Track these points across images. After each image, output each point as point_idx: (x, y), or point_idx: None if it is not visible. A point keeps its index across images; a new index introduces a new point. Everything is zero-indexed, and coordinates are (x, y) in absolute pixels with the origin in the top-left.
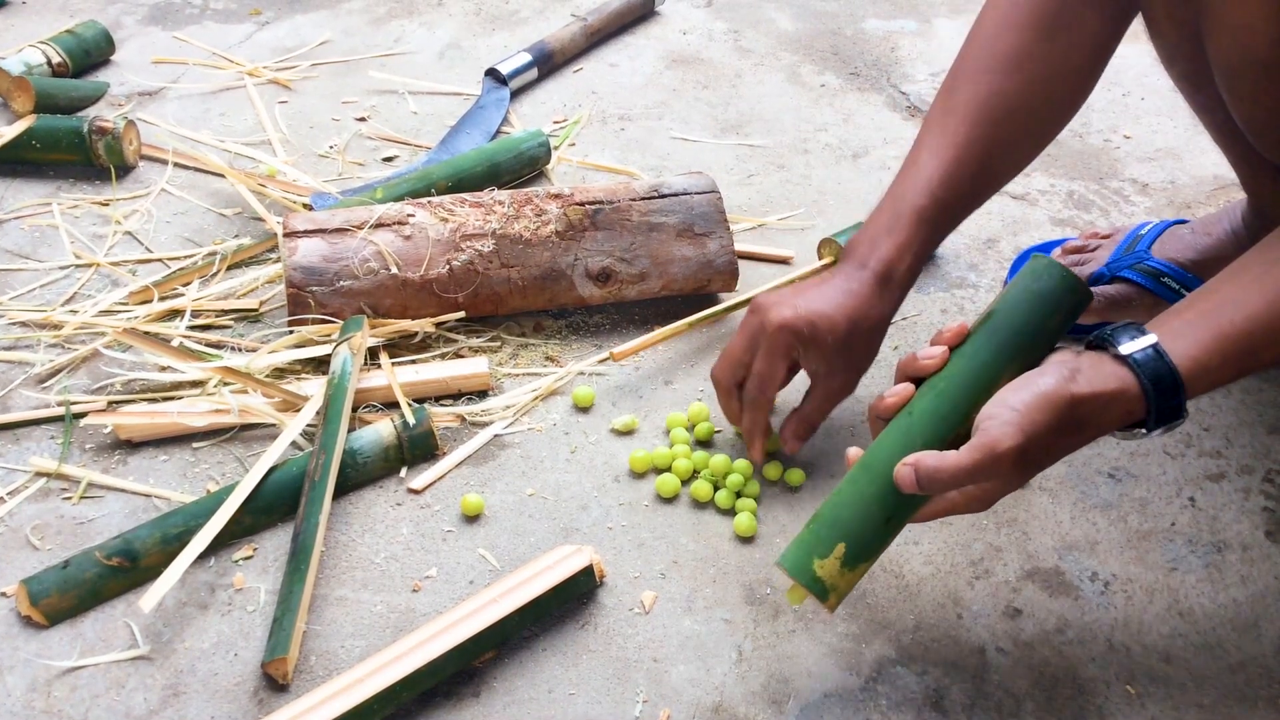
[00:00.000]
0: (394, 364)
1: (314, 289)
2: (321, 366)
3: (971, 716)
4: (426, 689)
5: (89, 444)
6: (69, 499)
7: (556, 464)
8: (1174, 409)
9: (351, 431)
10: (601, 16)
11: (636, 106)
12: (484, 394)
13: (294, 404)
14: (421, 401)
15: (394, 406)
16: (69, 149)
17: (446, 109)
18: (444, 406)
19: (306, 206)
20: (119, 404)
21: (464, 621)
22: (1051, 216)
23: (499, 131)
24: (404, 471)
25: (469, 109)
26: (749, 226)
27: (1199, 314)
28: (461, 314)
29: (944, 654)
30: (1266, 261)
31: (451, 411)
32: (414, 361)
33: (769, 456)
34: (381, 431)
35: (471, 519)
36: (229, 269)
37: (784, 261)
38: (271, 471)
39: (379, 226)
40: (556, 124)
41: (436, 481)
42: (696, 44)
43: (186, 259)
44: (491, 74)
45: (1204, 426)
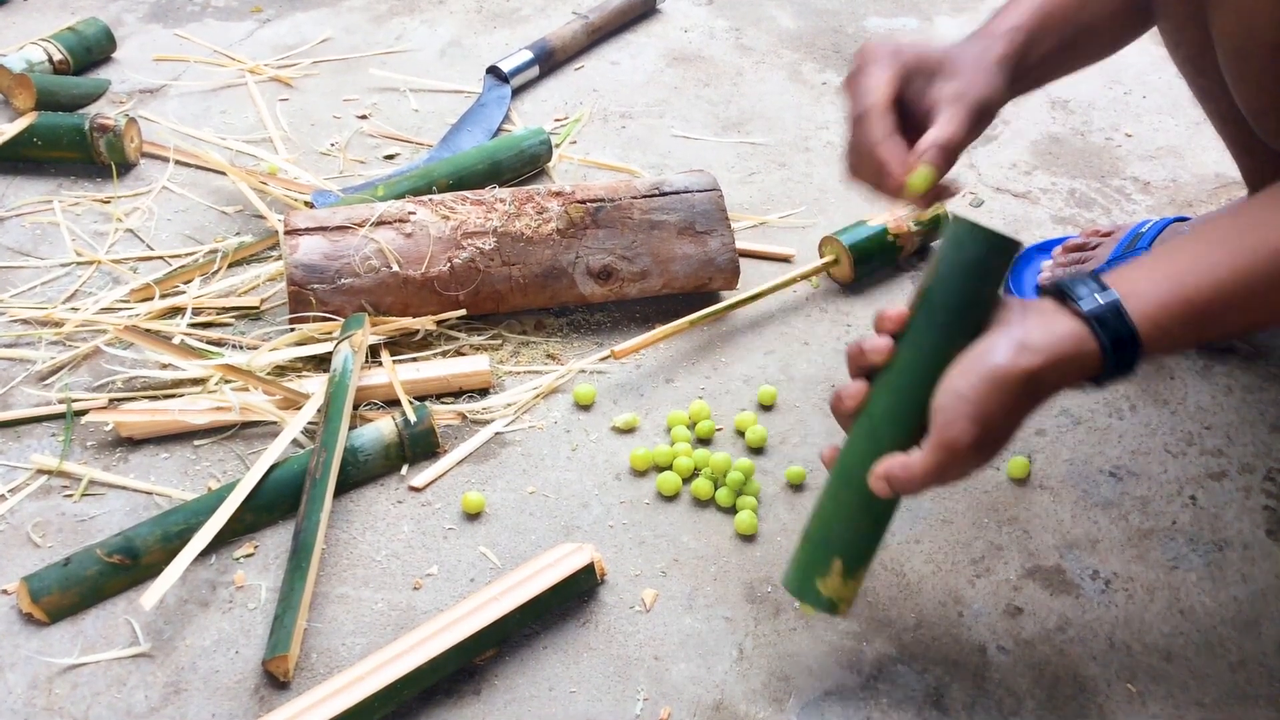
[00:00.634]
0: (395, 362)
1: (315, 287)
2: (323, 364)
3: (972, 715)
4: (427, 687)
5: (90, 441)
6: (70, 496)
7: (557, 462)
8: (1128, 367)
9: (352, 429)
10: (603, 14)
11: (638, 104)
12: (485, 392)
13: (295, 402)
14: (422, 399)
15: (395, 404)
16: (70, 146)
17: (448, 107)
18: (445, 404)
19: (308, 204)
20: (120, 401)
21: (465, 619)
22: (1053, 215)
23: (500, 129)
24: (405, 469)
25: (470, 107)
26: (750, 225)
27: (1164, 275)
28: (462, 312)
29: (945, 652)
30: (1238, 226)
31: (452, 409)
32: (415, 359)
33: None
34: (382, 429)
35: (472, 517)
36: (230, 266)
37: (785, 259)
38: (272, 469)
39: (380, 224)
40: (558, 122)
41: (437, 479)
42: (698, 42)
43: (188, 256)
44: (493, 72)
45: (1205, 425)
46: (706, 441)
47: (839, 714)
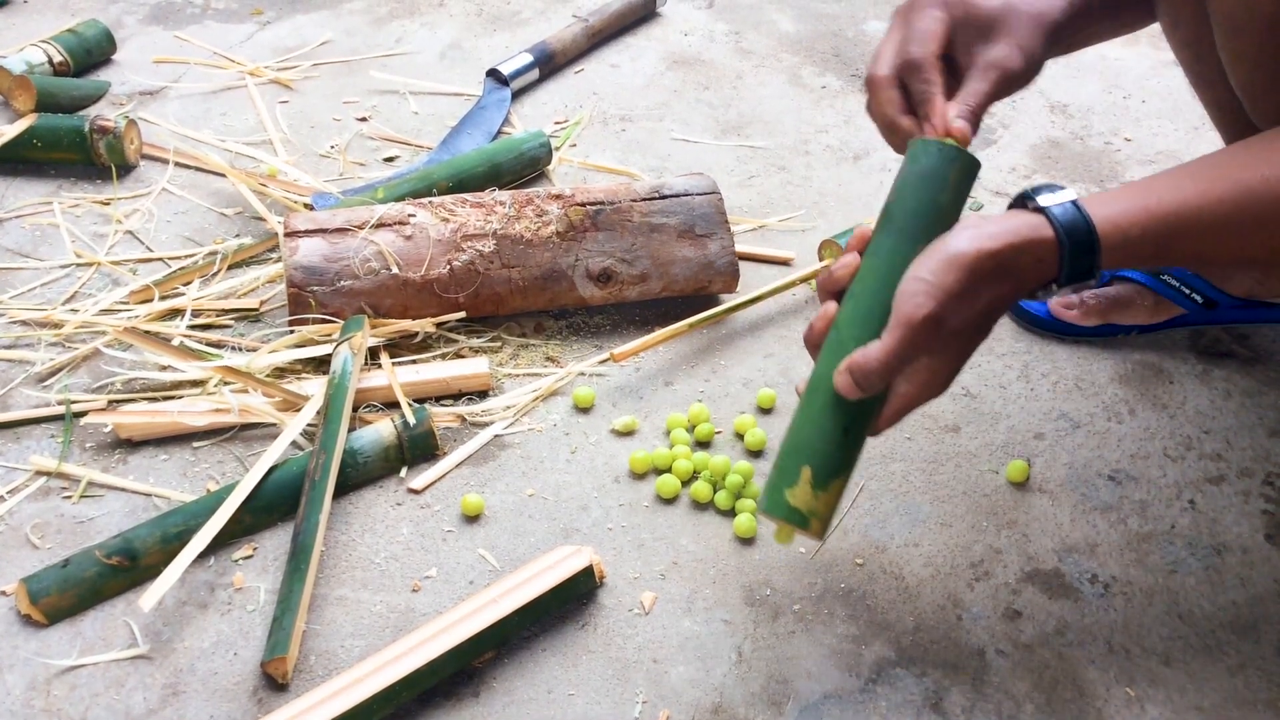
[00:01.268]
0: (394, 364)
1: (315, 289)
2: (322, 366)
3: (971, 718)
4: (426, 689)
5: (89, 443)
6: (69, 498)
7: (556, 464)
8: (1086, 270)
9: (352, 431)
10: (603, 17)
11: (638, 107)
12: (484, 394)
13: (294, 403)
14: (422, 401)
15: (394, 406)
16: (70, 148)
17: (448, 109)
18: (444, 406)
19: (307, 206)
20: (119, 403)
21: (464, 622)
22: None
23: (500, 132)
24: (404, 471)
25: (470, 109)
26: (750, 228)
27: (1127, 190)
28: (462, 314)
29: (944, 656)
30: (1210, 164)
31: (452, 411)
32: (414, 361)
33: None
34: (382, 431)
35: (471, 519)
36: (230, 268)
37: (784, 263)
38: (271, 471)
39: (380, 226)
40: (557, 125)
41: (436, 481)
42: (698, 45)
43: (187, 258)
44: (493, 74)
45: (1204, 429)
46: (706, 444)
47: (838, 717)
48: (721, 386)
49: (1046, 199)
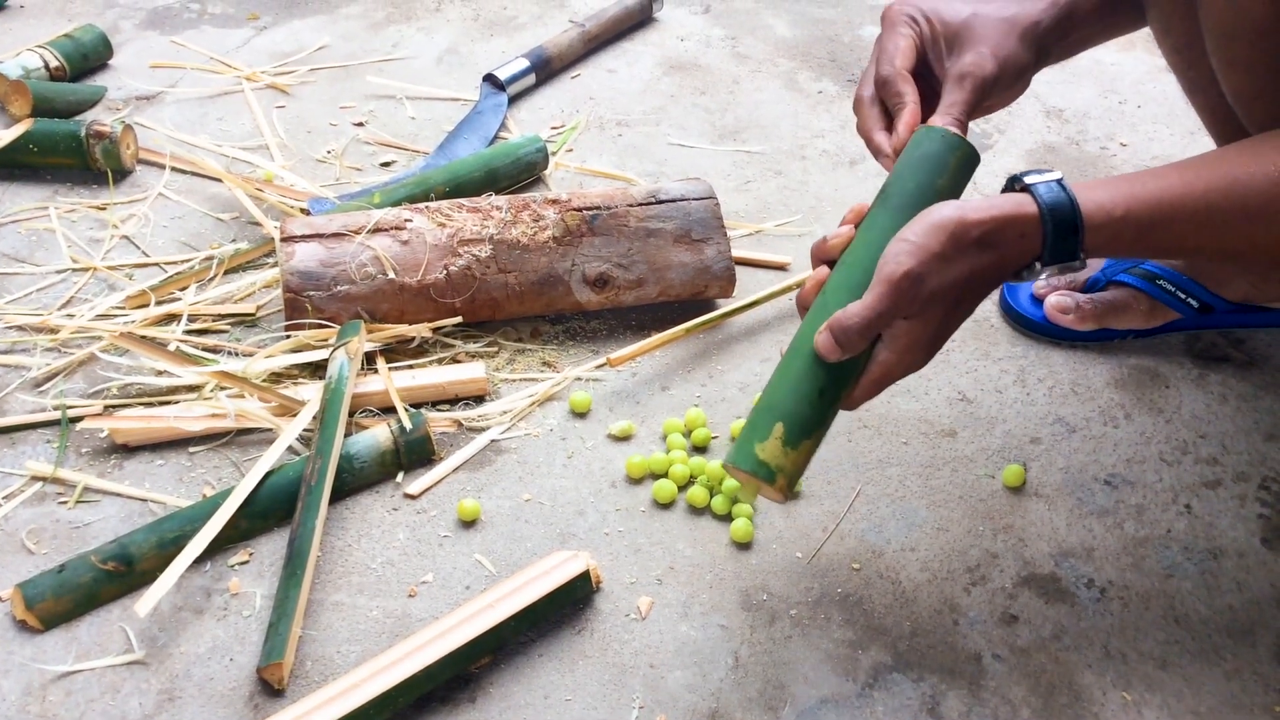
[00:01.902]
0: (391, 369)
1: (311, 293)
2: (318, 371)
3: None
4: (422, 694)
5: (85, 448)
6: (65, 503)
7: (553, 469)
8: (1069, 249)
9: (348, 436)
10: (600, 23)
11: (634, 112)
12: (481, 399)
13: (290, 409)
14: (418, 406)
15: (391, 411)
16: (66, 153)
17: (444, 114)
18: (441, 411)
19: (304, 211)
20: (115, 408)
21: (460, 627)
22: None
23: (497, 137)
24: (400, 476)
25: (467, 114)
26: (746, 233)
27: (1115, 179)
28: (458, 319)
29: (940, 660)
30: (1200, 159)
31: (448, 416)
32: (411, 366)
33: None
34: (378, 436)
35: (468, 524)
36: (226, 273)
37: (781, 268)
38: (268, 476)
39: (376, 231)
40: (554, 130)
41: (433, 487)
42: (694, 50)
43: (183, 263)
44: (489, 79)
45: (1200, 434)
46: (702, 449)
47: None
48: (718, 391)
49: (1033, 178)
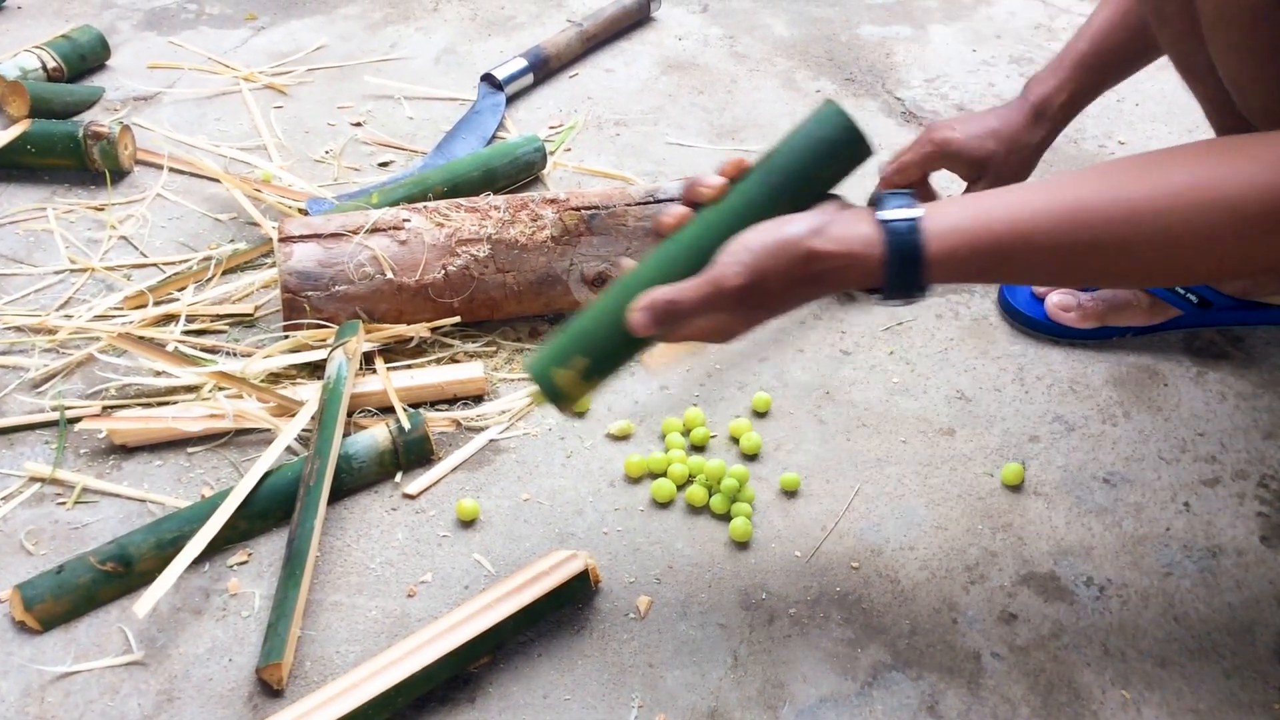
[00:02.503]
0: (389, 369)
1: (309, 294)
2: (317, 371)
3: None
4: (421, 694)
5: (83, 449)
6: (63, 504)
7: (552, 469)
8: (911, 287)
9: (347, 436)
10: (597, 22)
11: (632, 112)
12: (479, 399)
13: (289, 409)
14: (417, 406)
15: (389, 411)
16: (64, 154)
17: (442, 114)
18: (439, 411)
19: (302, 211)
20: (113, 409)
21: (459, 627)
22: None
23: (495, 137)
24: (399, 476)
25: (465, 114)
26: None
27: (975, 202)
28: (457, 319)
29: (939, 659)
30: (1074, 177)
31: (447, 416)
32: (409, 366)
33: None
34: (377, 436)
35: (467, 524)
36: (224, 274)
37: None
38: (266, 476)
39: (374, 231)
40: (552, 129)
41: (432, 486)
42: (692, 49)
43: (181, 264)
44: (487, 79)
45: (1199, 432)
46: (701, 448)
47: None
48: (716, 390)
49: (890, 213)
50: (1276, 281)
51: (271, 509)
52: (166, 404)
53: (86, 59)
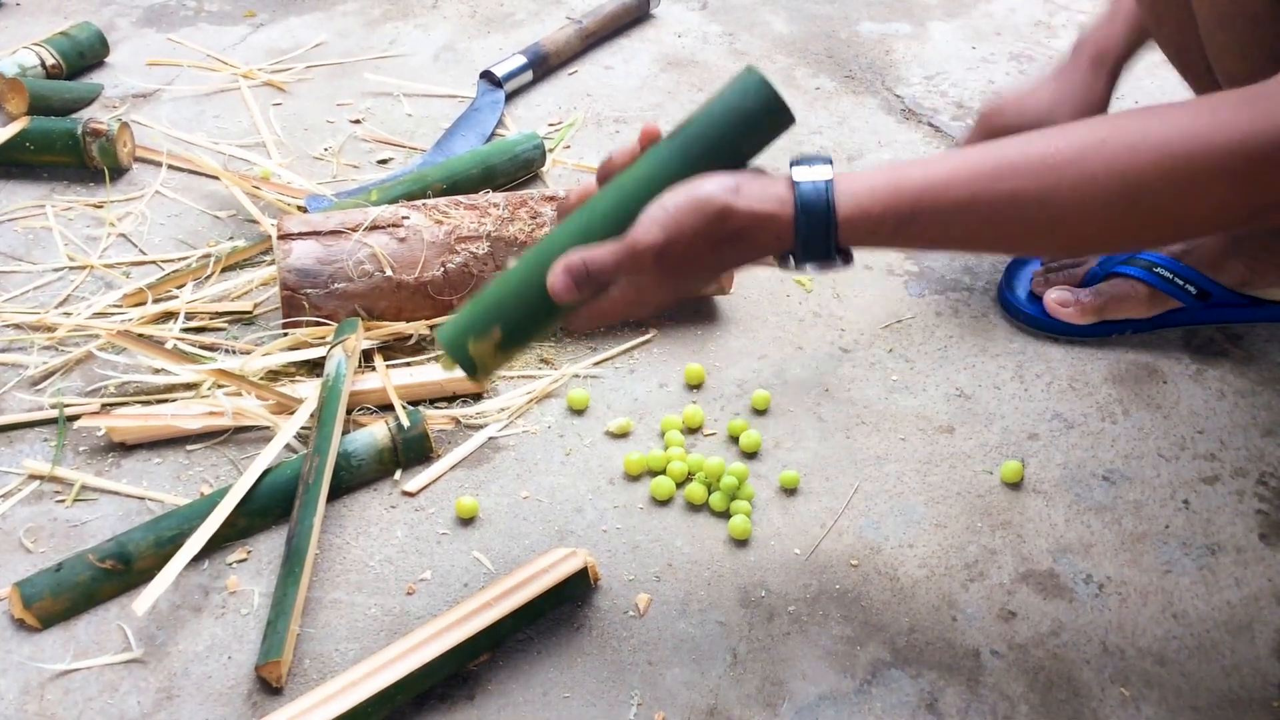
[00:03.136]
0: (388, 366)
1: (308, 291)
2: (316, 369)
3: (966, 719)
4: (421, 692)
5: (82, 446)
6: (62, 501)
7: (551, 467)
8: (822, 250)
9: (346, 434)
10: (597, 19)
11: (631, 109)
12: (479, 396)
13: (288, 406)
14: (416, 404)
15: (388, 409)
16: (63, 151)
17: (441, 111)
18: (438, 409)
19: (301, 209)
20: (112, 406)
21: (458, 624)
22: None
23: (494, 134)
24: (398, 474)
25: (464, 111)
26: None
27: (894, 166)
28: None
29: (938, 657)
30: (997, 142)
31: (446, 414)
32: (408, 364)
33: None
34: (376, 434)
35: (466, 522)
36: (223, 271)
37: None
38: (265, 474)
39: (374, 229)
40: (551, 126)
41: (431, 484)
42: (691, 46)
43: (181, 261)
44: (486, 76)
45: (1198, 429)
46: (696, 429)
47: (833, 718)
48: (716, 388)
49: (802, 174)
50: (1276, 275)
51: (271, 506)
52: (165, 401)
53: (85, 56)
